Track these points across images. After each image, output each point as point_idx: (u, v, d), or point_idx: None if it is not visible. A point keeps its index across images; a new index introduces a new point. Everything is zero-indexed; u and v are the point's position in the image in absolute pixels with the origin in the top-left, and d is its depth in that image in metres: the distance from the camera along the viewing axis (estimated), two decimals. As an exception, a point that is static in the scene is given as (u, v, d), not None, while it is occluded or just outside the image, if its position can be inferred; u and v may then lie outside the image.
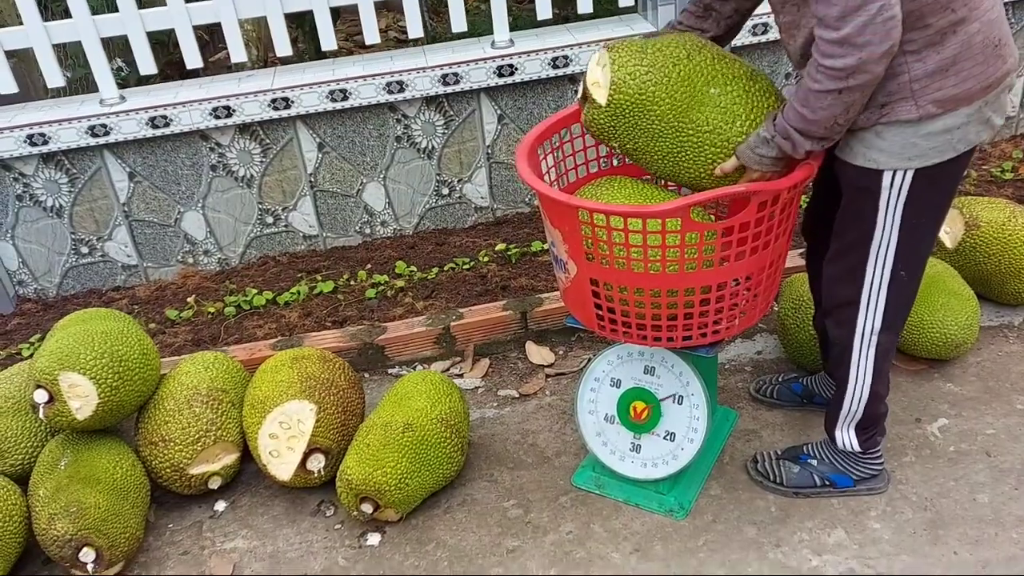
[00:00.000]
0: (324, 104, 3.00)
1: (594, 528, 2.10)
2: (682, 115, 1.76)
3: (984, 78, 1.60)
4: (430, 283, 3.00)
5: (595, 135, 1.90)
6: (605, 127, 1.85)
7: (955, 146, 1.65)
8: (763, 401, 2.42)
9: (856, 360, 1.90)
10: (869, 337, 1.86)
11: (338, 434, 2.21)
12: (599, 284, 1.84)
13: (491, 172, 3.26)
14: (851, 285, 1.83)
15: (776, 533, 2.03)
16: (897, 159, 1.66)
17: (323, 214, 3.25)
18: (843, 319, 1.88)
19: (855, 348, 1.88)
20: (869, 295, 1.82)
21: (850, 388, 1.94)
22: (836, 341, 1.93)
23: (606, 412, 2.16)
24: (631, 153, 1.88)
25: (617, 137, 1.85)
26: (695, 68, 1.76)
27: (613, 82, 1.78)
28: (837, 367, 1.96)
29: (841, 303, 1.87)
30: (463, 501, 2.23)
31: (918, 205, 1.70)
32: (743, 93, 1.77)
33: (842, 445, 2.04)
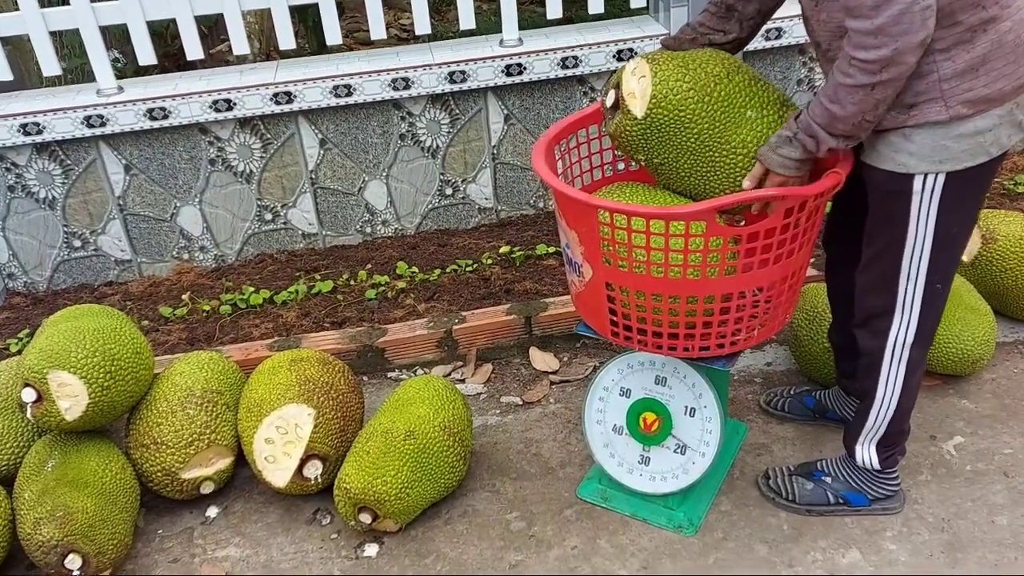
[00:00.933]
0: (327, 99, 2.92)
1: (600, 543, 2.04)
2: (719, 135, 1.72)
3: (1016, 78, 1.55)
4: (432, 285, 2.92)
5: (622, 146, 1.83)
6: (636, 139, 1.78)
7: (988, 149, 1.60)
8: (773, 414, 2.36)
9: (886, 372, 1.84)
10: (901, 350, 1.80)
11: (337, 440, 2.14)
12: (615, 289, 1.77)
13: (496, 173, 3.19)
14: (884, 294, 1.77)
15: (789, 552, 1.96)
16: (928, 162, 1.60)
17: (323, 212, 3.17)
18: (876, 330, 1.82)
19: (885, 360, 1.82)
20: (903, 306, 1.76)
21: (877, 402, 1.88)
22: (866, 352, 1.86)
23: (615, 423, 2.09)
24: (656, 167, 1.82)
25: (647, 150, 1.79)
26: (735, 89, 1.74)
27: (654, 95, 1.72)
28: (865, 379, 1.89)
29: (874, 313, 1.81)
30: (464, 512, 2.16)
31: (951, 211, 1.65)
32: (777, 119, 1.76)
33: (861, 462, 1.97)
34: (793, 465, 2.13)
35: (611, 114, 1.83)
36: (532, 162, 1.84)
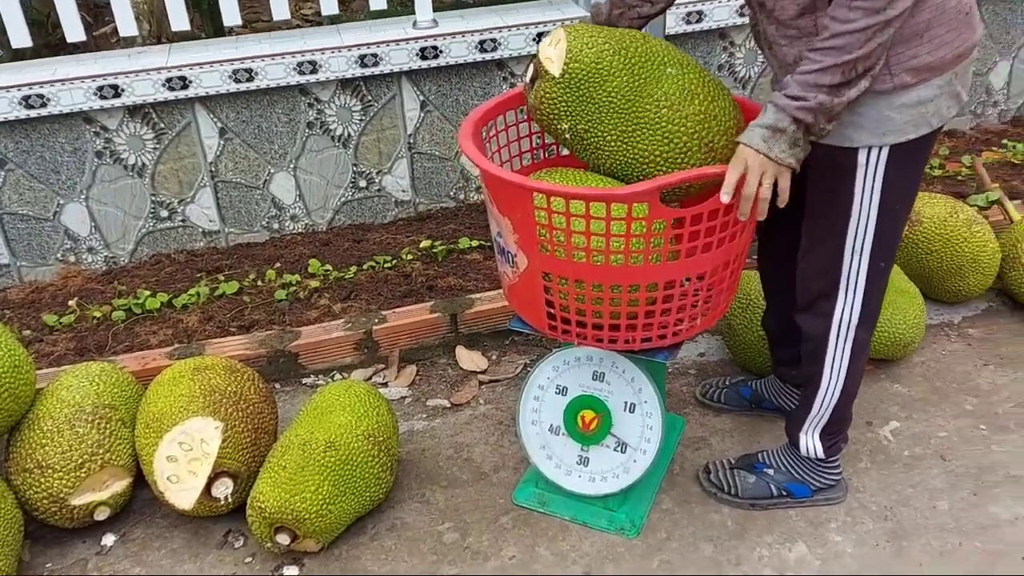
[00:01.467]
0: (227, 85, 2.70)
1: (539, 551, 1.91)
2: (640, 89, 1.65)
3: (956, 47, 1.53)
4: (348, 283, 2.74)
5: (544, 116, 1.72)
6: (557, 103, 1.68)
7: (929, 120, 1.56)
8: (710, 406, 2.29)
9: (831, 357, 1.78)
10: (846, 332, 1.75)
11: (248, 455, 1.95)
12: (553, 279, 1.65)
13: (413, 163, 3.03)
14: (827, 277, 1.71)
15: (735, 550, 1.88)
16: (871, 134, 1.55)
17: (225, 207, 2.94)
18: (820, 313, 1.76)
19: (830, 344, 1.77)
20: (847, 287, 1.70)
21: (822, 388, 1.82)
22: (810, 337, 1.80)
23: (551, 422, 1.97)
24: (581, 136, 1.71)
25: (569, 115, 1.68)
26: (652, 48, 1.70)
27: (569, 50, 1.64)
28: (809, 365, 1.83)
29: (817, 296, 1.75)
30: (392, 526, 2.00)
31: (895, 186, 1.60)
32: (699, 76, 1.70)
33: (805, 451, 1.92)
34: (733, 458, 2.06)
35: (531, 87, 1.73)
36: (459, 143, 1.70)
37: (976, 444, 2.12)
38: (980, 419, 2.19)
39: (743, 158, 1.51)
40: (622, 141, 1.66)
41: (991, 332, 2.52)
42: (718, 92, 1.71)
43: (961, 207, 2.52)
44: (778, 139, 1.48)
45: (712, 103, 1.65)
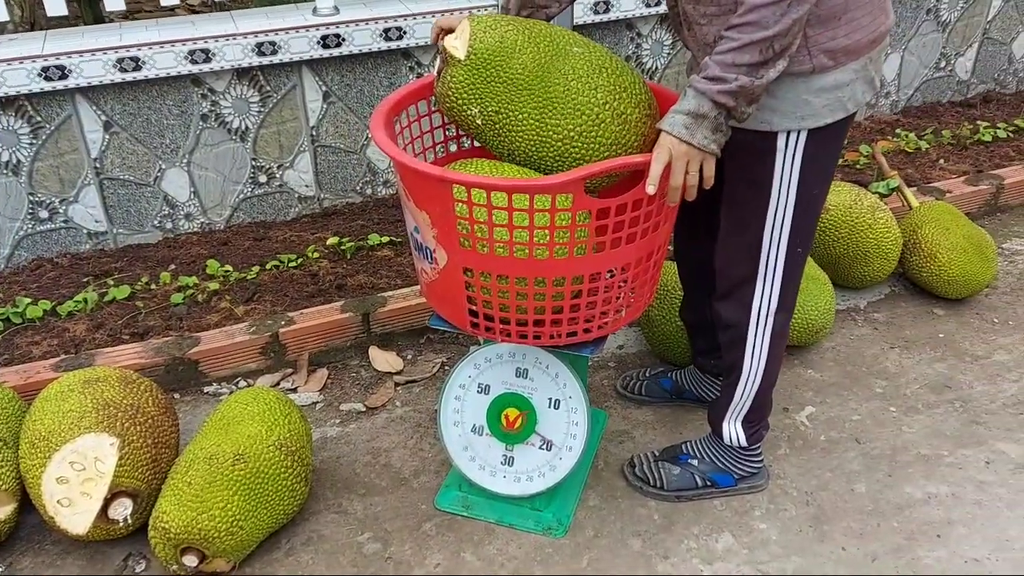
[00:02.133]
0: (111, 75, 2.51)
1: (465, 557, 1.84)
2: (547, 65, 1.63)
3: (871, 30, 1.54)
4: (250, 284, 2.59)
5: (453, 102, 1.67)
6: (465, 86, 1.64)
7: (845, 104, 1.57)
8: (631, 398, 2.27)
9: (751, 344, 1.78)
10: (765, 318, 1.75)
11: (148, 472, 1.80)
12: (474, 275, 1.58)
13: (316, 157, 2.90)
14: (747, 263, 1.71)
15: (663, 543, 1.86)
16: (790, 119, 1.55)
17: (112, 206, 2.74)
18: (739, 300, 1.75)
19: (751, 331, 1.76)
20: (765, 272, 1.70)
21: (743, 375, 1.82)
22: (730, 324, 1.79)
23: (474, 423, 1.90)
24: (492, 119, 1.66)
25: (478, 98, 1.63)
26: (556, 31, 1.70)
27: (473, 34, 1.62)
28: (730, 353, 1.83)
29: (737, 282, 1.74)
30: (309, 539, 1.89)
31: (813, 170, 1.60)
32: (605, 54, 1.70)
33: (728, 439, 1.92)
34: (657, 450, 2.04)
35: (439, 78, 1.69)
36: (372, 134, 1.61)
37: (888, 426, 2.17)
38: (890, 401, 2.25)
39: (666, 147, 1.47)
40: (534, 119, 1.62)
41: (895, 316, 2.59)
42: (625, 68, 1.70)
43: (865, 194, 2.58)
44: (700, 125, 1.45)
45: (621, 76, 1.64)
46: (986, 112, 3.73)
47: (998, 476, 2.01)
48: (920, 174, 3.17)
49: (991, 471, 2.03)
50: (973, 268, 2.54)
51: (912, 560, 1.81)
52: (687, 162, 1.47)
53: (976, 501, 1.94)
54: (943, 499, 1.95)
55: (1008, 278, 2.79)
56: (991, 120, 3.62)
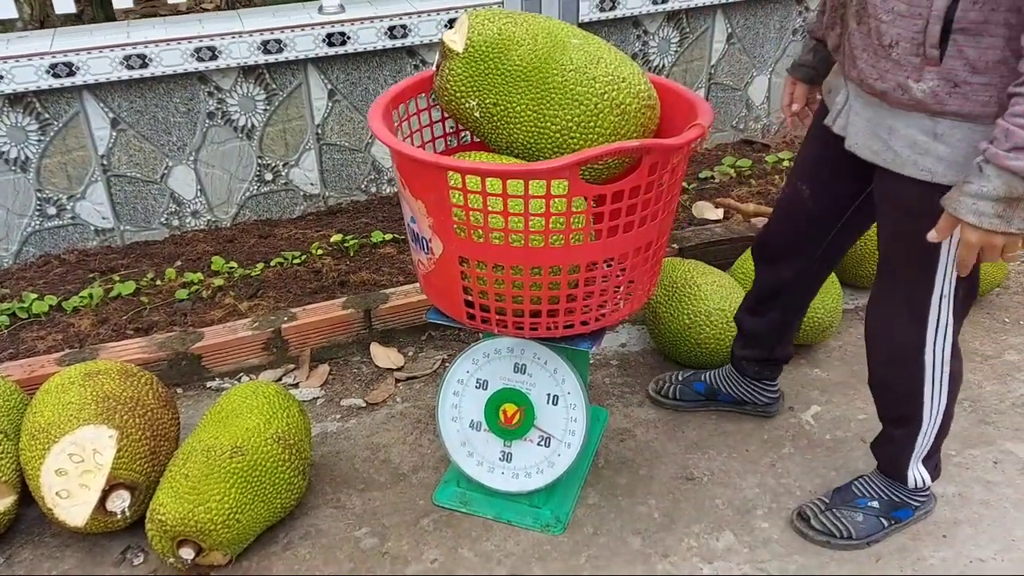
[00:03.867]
0: (118, 72, 2.52)
1: (463, 553, 1.83)
2: (545, 56, 1.62)
3: None
4: (255, 280, 2.60)
5: (451, 95, 1.68)
6: (463, 79, 1.65)
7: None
8: (663, 403, 2.20)
9: (930, 398, 1.66)
10: (940, 372, 1.63)
11: (147, 464, 1.80)
12: (470, 264, 1.57)
13: (322, 155, 2.90)
14: (914, 328, 1.59)
15: (663, 542, 1.84)
16: (958, 171, 1.37)
17: (119, 203, 2.75)
18: (908, 361, 1.63)
19: (927, 389, 1.65)
20: (936, 329, 1.58)
21: (925, 426, 1.70)
22: (898, 387, 1.69)
23: (472, 418, 1.88)
24: (490, 111, 1.66)
25: (476, 90, 1.64)
26: (554, 24, 1.70)
27: (471, 27, 1.63)
28: (901, 407, 1.72)
29: (904, 347, 1.62)
30: (306, 534, 1.88)
31: None
32: (604, 46, 1.70)
33: (914, 483, 1.79)
34: (826, 498, 1.87)
35: (437, 72, 1.70)
36: (369, 123, 1.61)
37: (894, 424, 2.14)
38: (897, 400, 2.22)
39: (975, 243, 1.32)
40: (532, 110, 1.61)
41: (903, 315, 2.56)
42: (624, 59, 1.68)
43: (872, 192, 2.55)
44: (1016, 208, 1.26)
45: (619, 67, 1.63)
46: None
47: (1006, 476, 1.97)
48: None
49: (999, 471, 1.99)
50: (984, 267, 2.50)
51: (917, 560, 1.77)
52: (1003, 247, 1.32)
53: (983, 501, 1.91)
54: (949, 499, 1.92)
55: (1021, 278, 2.75)
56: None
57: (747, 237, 2.72)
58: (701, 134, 1.54)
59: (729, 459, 2.05)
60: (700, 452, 2.07)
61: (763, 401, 2.15)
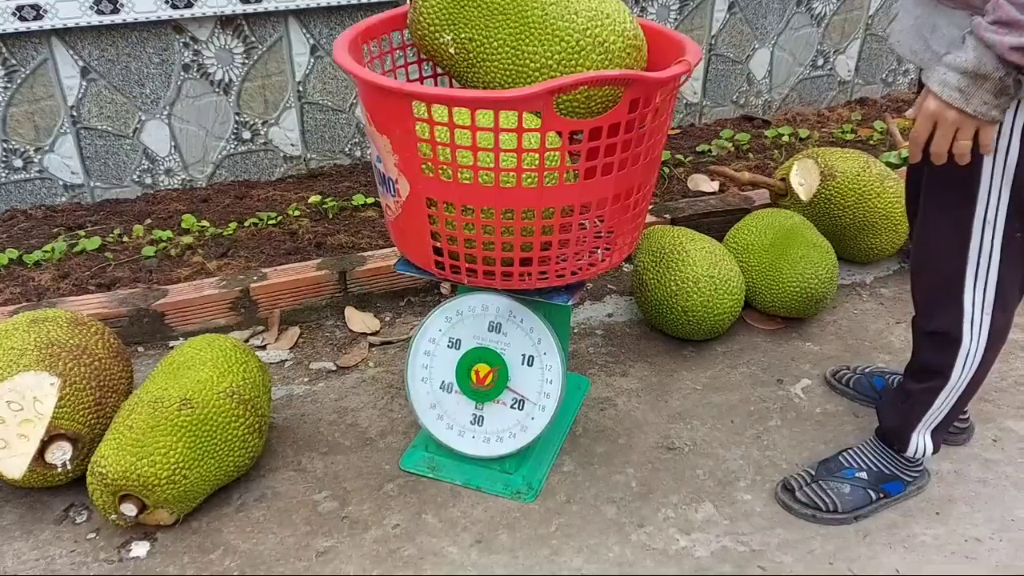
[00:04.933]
0: (88, 16, 2.42)
1: (426, 519, 1.72)
2: None
3: None
4: (226, 240, 2.49)
5: (425, 29, 1.57)
6: (437, 12, 1.55)
7: None
8: (835, 387, 2.05)
9: (965, 348, 1.52)
10: (979, 317, 1.50)
11: (91, 415, 1.70)
12: (438, 206, 1.46)
13: (303, 114, 2.79)
14: (956, 253, 1.46)
15: (639, 511, 1.73)
16: None
17: (89, 158, 2.64)
18: (948, 299, 1.50)
19: (964, 334, 1.51)
20: (978, 263, 1.45)
21: (951, 383, 1.56)
22: (937, 331, 1.55)
23: (443, 379, 1.78)
24: (466, 47, 1.55)
25: (452, 24, 1.53)
26: None
27: None
28: (937, 355, 1.57)
29: (944, 279, 1.50)
30: (262, 495, 1.78)
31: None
32: None
33: (914, 451, 1.66)
34: (811, 467, 1.77)
35: (411, 5, 1.60)
36: (333, 53, 1.50)
37: (889, 400, 2.03)
38: (893, 375, 2.11)
39: (932, 111, 1.24)
40: (510, 46, 1.50)
41: (903, 292, 2.45)
42: None
43: (873, 162, 2.44)
44: (979, 87, 1.18)
45: (603, 2, 1.51)
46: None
47: (1005, 454, 1.86)
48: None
49: (998, 449, 1.88)
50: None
51: (907, 537, 1.67)
52: (956, 131, 1.23)
53: (981, 479, 1.80)
54: (944, 476, 1.81)
55: (1025, 259, 2.64)
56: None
57: (742, 208, 2.61)
58: (687, 71, 1.43)
59: (713, 430, 1.94)
60: (683, 422, 1.97)
61: None
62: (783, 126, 3.24)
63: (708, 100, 3.28)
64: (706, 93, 3.26)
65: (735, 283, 2.14)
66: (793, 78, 3.38)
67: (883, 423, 1.72)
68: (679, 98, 3.24)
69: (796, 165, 2.48)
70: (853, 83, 3.48)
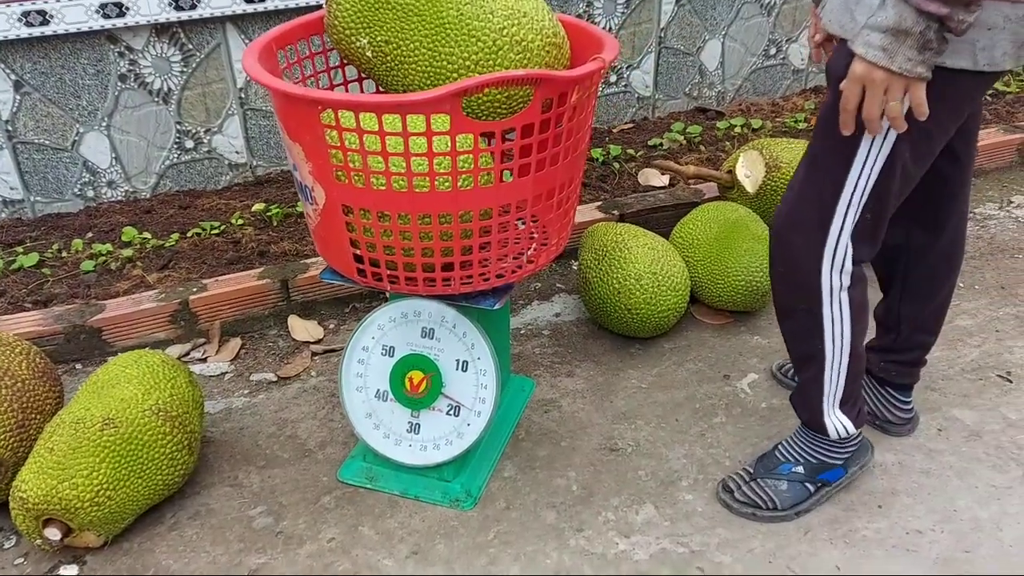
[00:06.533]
0: (16, 29, 2.36)
1: (363, 531, 1.69)
2: None
3: None
4: (167, 251, 2.45)
5: (341, 32, 1.54)
6: (352, 15, 1.52)
7: (975, 55, 1.24)
8: (782, 382, 2.03)
9: (829, 328, 1.53)
10: (838, 297, 1.51)
11: (13, 438, 1.65)
12: (354, 212, 1.43)
13: (247, 121, 2.75)
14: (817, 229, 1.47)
15: (579, 516, 1.71)
16: None
17: (28, 172, 2.60)
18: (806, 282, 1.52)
19: (825, 314, 1.52)
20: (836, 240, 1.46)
21: (828, 361, 1.57)
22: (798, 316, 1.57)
23: (377, 387, 1.75)
24: (383, 50, 1.52)
25: (367, 27, 1.49)
26: None
27: None
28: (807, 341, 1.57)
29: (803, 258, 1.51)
30: (196, 513, 1.74)
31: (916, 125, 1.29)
32: None
33: (835, 433, 1.64)
34: (750, 466, 1.74)
35: (327, 7, 1.55)
36: (243, 61, 1.46)
37: (834, 392, 2.01)
38: (839, 367, 2.09)
39: (859, 75, 1.22)
40: (426, 48, 1.46)
41: (851, 281, 2.43)
42: None
43: (818, 152, 2.42)
44: (902, 44, 1.17)
45: (520, 1, 1.48)
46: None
47: (950, 444, 1.85)
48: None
49: (943, 439, 1.87)
50: (935, 230, 2.38)
51: (848, 532, 1.65)
52: (885, 91, 1.21)
53: (924, 470, 1.79)
54: (888, 468, 1.79)
55: (978, 243, 2.64)
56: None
57: (691, 203, 2.59)
58: (600, 68, 1.40)
59: (657, 429, 1.92)
60: (627, 422, 1.94)
61: (886, 418, 1.87)
62: (736, 117, 3.22)
63: (660, 93, 3.26)
64: (658, 87, 3.24)
65: (679, 279, 2.12)
66: (746, 68, 3.36)
67: (798, 415, 1.70)
68: (631, 92, 3.21)
69: (742, 157, 2.46)
70: (807, 72, 3.47)
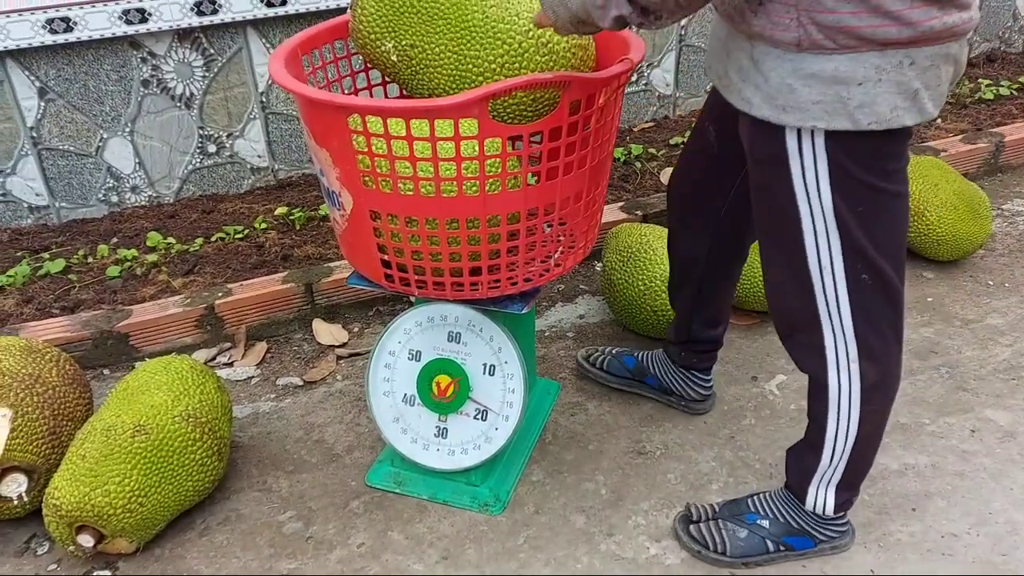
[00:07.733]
0: (41, 36, 2.38)
1: (392, 536, 1.69)
2: None
3: (907, 21, 1.09)
4: (191, 256, 2.46)
5: (367, 37, 1.54)
6: (377, 19, 1.50)
7: (851, 112, 1.15)
8: (588, 372, 2.07)
9: (835, 398, 1.41)
10: (846, 366, 1.37)
11: (46, 446, 1.66)
12: (382, 218, 1.43)
13: (268, 125, 2.76)
14: (802, 295, 1.34)
15: (608, 520, 1.70)
16: (784, 111, 1.18)
17: (53, 178, 2.61)
18: (809, 343, 1.39)
19: (831, 383, 1.40)
20: (828, 308, 1.33)
21: (830, 434, 1.45)
22: (808, 372, 1.45)
23: (405, 392, 1.75)
24: (408, 54, 1.52)
25: (393, 31, 1.49)
26: None
27: None
28: (812, 403, 1.48)
29: (799, 321, 1.39)
30: (226, 519, 1.75)
31: (847, 187, 1.22)
32: None
33: (812, 506, 1.55)
34: (718, 504, 1.66)
35: (352, 13, 1.56)
36: (269, 67, 1.46)
37: (864, 393, 1.99)
38: (868, 367, 2.07)
39: None
40: (452, 51, 1.46)
41: (879, 280, 2.41)
42: None
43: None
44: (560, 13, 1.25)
45: None
46: (990, 71, 3.52)
47: (984, 445, 1.83)
48: (914, 132, 2.97)
49: (976, 440, 1.84)
50: (965, 227, 2.35)
51: (883, 535, 1.63)
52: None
53: (958, 472, 1.76)
54: (921, 470, 1.77)
55: (1007, 240, 2.60)
56: (994, 79, 3.41)
57: (715, 202, 2.57)
58: (628, 69, 1.39)
59: (685, 432, 1.91)
60: (654, 425, 1.93)
61: (690, 396, 1.92)
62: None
63: (682, 91, 3.23)
64: (679, 85, 3.21)
65: (705, 280, 2.10)
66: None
67: (787, 472, 1.61)
68: (652, 91, 3.19)
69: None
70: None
